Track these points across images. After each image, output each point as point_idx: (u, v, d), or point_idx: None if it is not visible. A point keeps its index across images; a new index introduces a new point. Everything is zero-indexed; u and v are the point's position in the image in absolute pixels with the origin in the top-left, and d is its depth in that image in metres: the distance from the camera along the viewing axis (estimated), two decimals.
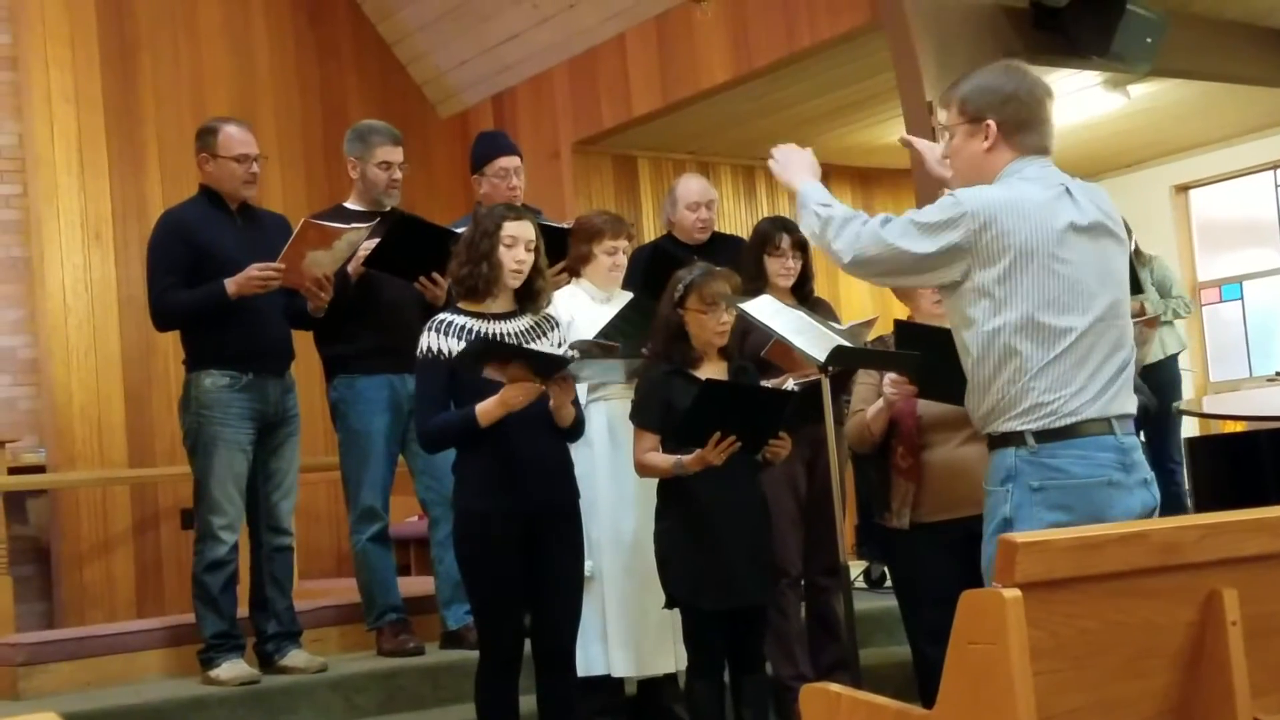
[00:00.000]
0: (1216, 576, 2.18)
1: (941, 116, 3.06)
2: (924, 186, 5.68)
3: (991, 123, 2.89)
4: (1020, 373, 2.77)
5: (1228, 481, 5.10)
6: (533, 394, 3.44)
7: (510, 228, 3.62)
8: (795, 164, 3.19)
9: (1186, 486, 6.18)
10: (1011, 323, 2.77)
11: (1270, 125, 8.79)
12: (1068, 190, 2.86)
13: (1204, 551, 2.18)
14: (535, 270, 3.68)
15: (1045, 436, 2.75)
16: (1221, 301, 9.57)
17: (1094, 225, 2.85)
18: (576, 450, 3.81)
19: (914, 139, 3.54)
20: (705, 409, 3.60)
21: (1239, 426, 6.14)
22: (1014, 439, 2.78)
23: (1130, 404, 2.85)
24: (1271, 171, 9.24)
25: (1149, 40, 5.93)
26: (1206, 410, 7.30)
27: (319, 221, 4.43)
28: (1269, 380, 8.27)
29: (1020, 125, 2.89)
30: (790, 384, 3.83)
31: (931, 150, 3.42)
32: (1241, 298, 9.51)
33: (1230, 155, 9.23)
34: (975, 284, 2.80)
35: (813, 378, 3.91)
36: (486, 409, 3.47)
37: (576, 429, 3.69)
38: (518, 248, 3.63)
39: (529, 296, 3.69)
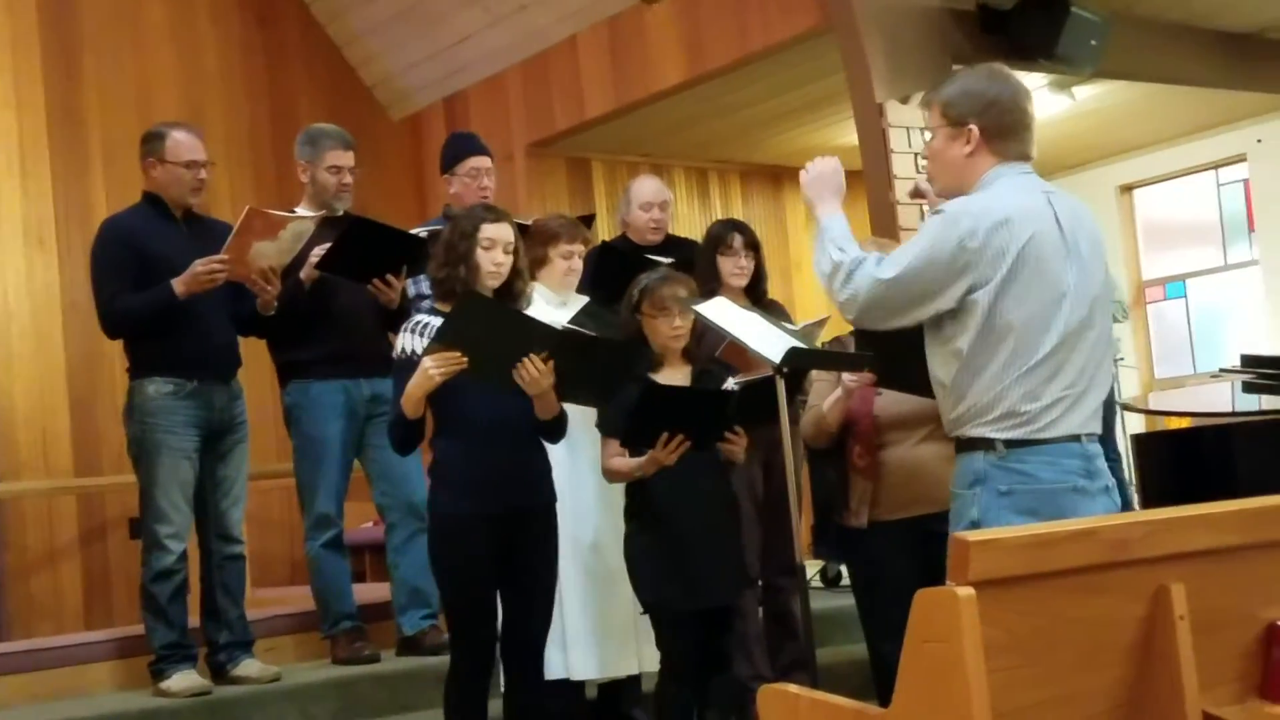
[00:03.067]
0: (1165, 571, 2.21)
1: (924, 117, 3.03)
2: (875, 189, 5.72)
3: (974, 127, 2.88)
4: (995, 382, 2.78)
5: (1174, 477, 5.16)
6: (450, 366, 3.35)
7: (489, 230, 3.60)
8: (825, 184, 3.10)
9: (1127, 478, 6.26)
10: (995, 332, 2.77)
11: (1212, 125, 8.92)
12: (1049, 200, 2.87)
13: (1152, 547, 2.20)
14: (515, 272, 3.66)
15: (1015, 444, 2.78)
16: (1166, 300, 9.69)
17: (1074, 237, 2.85)
18: None
19: (922, 186, 3.48)
20: (646, 412, 3.63)
21: (1184, 423, 6.21)
22: (983, 444, 2.81)
23: (1097, 425, 2.87)
24: (1214, 171, 9.37)
25: (1093, 42, 6.00)
26: (1152, 407, 7.39)
27: (264, 210, 4.39)
28: (1213, 377, 8.37)
29: (1002, 131, 2.88)
30: (730, 383, 3.84)
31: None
32: (1185, 296, 9.64)
33: (1174, 155, 9.35)
34: (970, 297, 2.78)
35: (755, 376, 3.93)
36: (407, 394, 3.43)
37: (558, 429, 3.66)
38: (496, 250, 3.60)
39: (509, 298, 3.66)
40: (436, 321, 3.56)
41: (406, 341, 3.58)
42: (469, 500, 3.52)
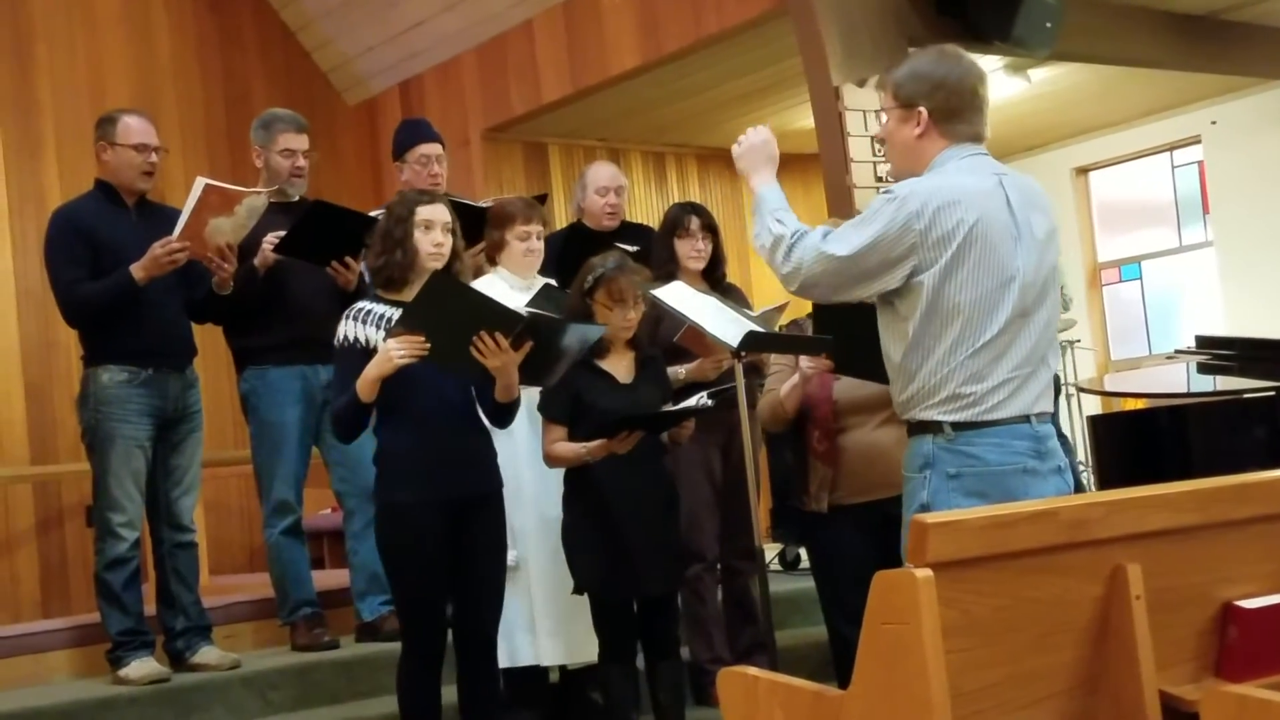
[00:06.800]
0: (1121, 552, 2.23)
1: (879, 99, 3.04)
2: (832, 174, 5.73)
3: (923, 110, 2.88)
4: (942, 364, 2.79)
5: (1130, 458, 5.20)
6: (414, 349, 3.33)
7: (424, 211, 3.58)
8: (757, 155, 3.10)
9: (1079, 460, 6.32)
10: (941, 314, 2.78)
11: (1167, 107, 8.99)
12: (1001, 182, 2.87)
13: (1109, 528, 2.22)
14: (454, 254, 3.64)
15: (963, 426, 2.79)
16: (1121, 281, 9.77)
17: (1025, 219, 2.85)
18: (499, 439, 3.77)
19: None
20: (618, 429, 3.65)
21: (1140, 404, 6.27)
22: (932, 427, 2.82)
23: (1048, 404, 2.88)
24: (1168, 153, 9.44)
25: (1049, 24, 6.02)
26: (1108, 388, 7.45)
27: (218, 184, 4.35)
28: (1168, 358, 8.45)
29: (951, 113, 2.88)
30: (704, 399, 3.83)
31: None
32: (1140, 277, 9.71)
33: (1129, 137, 9.41)
34: (916, 279, 2.79)
35: (726, 386, 3.92)
36: (364, 377, 3.40)
37: (511, 414, 3.64)
38: (434, 231, 3.58)
39: None
40: (379, 308, 3.54)
41: (349, 329, 3.54)
42: (417, 487, 3.50)
